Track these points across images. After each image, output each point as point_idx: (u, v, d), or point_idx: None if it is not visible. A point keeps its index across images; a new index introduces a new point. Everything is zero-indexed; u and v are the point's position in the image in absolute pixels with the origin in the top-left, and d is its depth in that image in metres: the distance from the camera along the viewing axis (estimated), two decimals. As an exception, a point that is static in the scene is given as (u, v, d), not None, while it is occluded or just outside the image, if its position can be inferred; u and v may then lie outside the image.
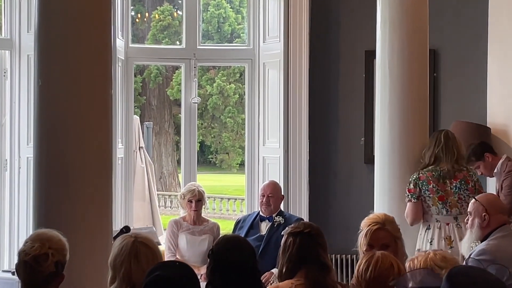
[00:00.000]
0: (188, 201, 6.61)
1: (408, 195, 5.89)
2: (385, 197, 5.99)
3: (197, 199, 6.58)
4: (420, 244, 5.86)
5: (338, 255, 7.71)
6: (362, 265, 3.45)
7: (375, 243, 4.10)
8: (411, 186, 5.89)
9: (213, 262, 3.71)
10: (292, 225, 4.18)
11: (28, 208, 6.71)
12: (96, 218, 4.54)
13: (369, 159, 7.44)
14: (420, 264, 3.35)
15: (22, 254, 3.61)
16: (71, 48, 4.50)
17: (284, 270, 3.99)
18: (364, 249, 4.10)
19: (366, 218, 4.25)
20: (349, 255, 7.70)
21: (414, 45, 6.04)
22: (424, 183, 5.86)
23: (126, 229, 6.05)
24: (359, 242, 4.18)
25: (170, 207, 22.52)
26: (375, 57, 6.29)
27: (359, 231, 4.21)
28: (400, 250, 4.13)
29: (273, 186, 6.68)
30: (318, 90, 7.86)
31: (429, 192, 5.86)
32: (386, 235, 4.15)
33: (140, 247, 3.60)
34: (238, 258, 3.68)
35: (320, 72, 7.90)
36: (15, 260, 3.77)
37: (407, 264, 3.44)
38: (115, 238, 5.64)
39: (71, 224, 4.38)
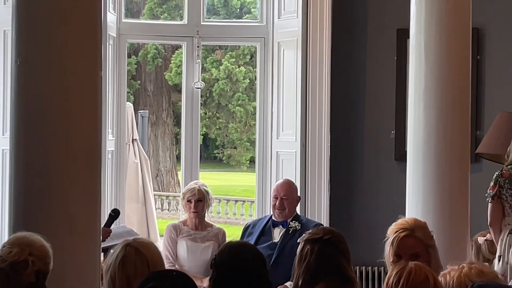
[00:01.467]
0: (187, 201, 6.63)
1: (487, 194, 6.05)
2: (418, 199, 6.00)
3: (196, 199, 6.59)
4: (501, 250, 5.94)
5: (363, 267, 7.73)
6: (392, 277, 3.47)
7: (403, 252, 4.12)
8: (492, 183, 6.03)
9: (217, 273, 3.74)
10: (310, 231, 4.21)
11: (4, 208, 6.76)
12: (83, 221, 4.55)
13: (401, 156, 7.45)
14: (453, 280, 3.37)
15: (-3, 260, 3.65)
16: (54, 23, 4.52)
17: (300, 283, 4.03)
18: (391, 259, 4.11)
19: (393, 224, 4.28)
20: (375, 267, 7.72)
21: (454, 23, 6.04)
22: (507, 181, 5.99)
23: (114, 212, 6.14)
24: (386, 252, 4.20)
25: (168, 210, 22.56)
26: (408, 37, 6.30)
27: (385, 239, 4.23)
28: (433, 261, 4.13)
29: (288, 186, 6.71)
30: (342, 74, 7.87)
31: (511, 191, 5.96)
32: (416, 244, 4.16)
33: (130, 252, 3.64)
34: (245, 268, 3.71)
35: (344, 53, 7.90)
36: (-11, 267, 3.80)
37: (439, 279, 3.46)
38: (105, 226, 5.80)
39: (53, 228, 4.39)
